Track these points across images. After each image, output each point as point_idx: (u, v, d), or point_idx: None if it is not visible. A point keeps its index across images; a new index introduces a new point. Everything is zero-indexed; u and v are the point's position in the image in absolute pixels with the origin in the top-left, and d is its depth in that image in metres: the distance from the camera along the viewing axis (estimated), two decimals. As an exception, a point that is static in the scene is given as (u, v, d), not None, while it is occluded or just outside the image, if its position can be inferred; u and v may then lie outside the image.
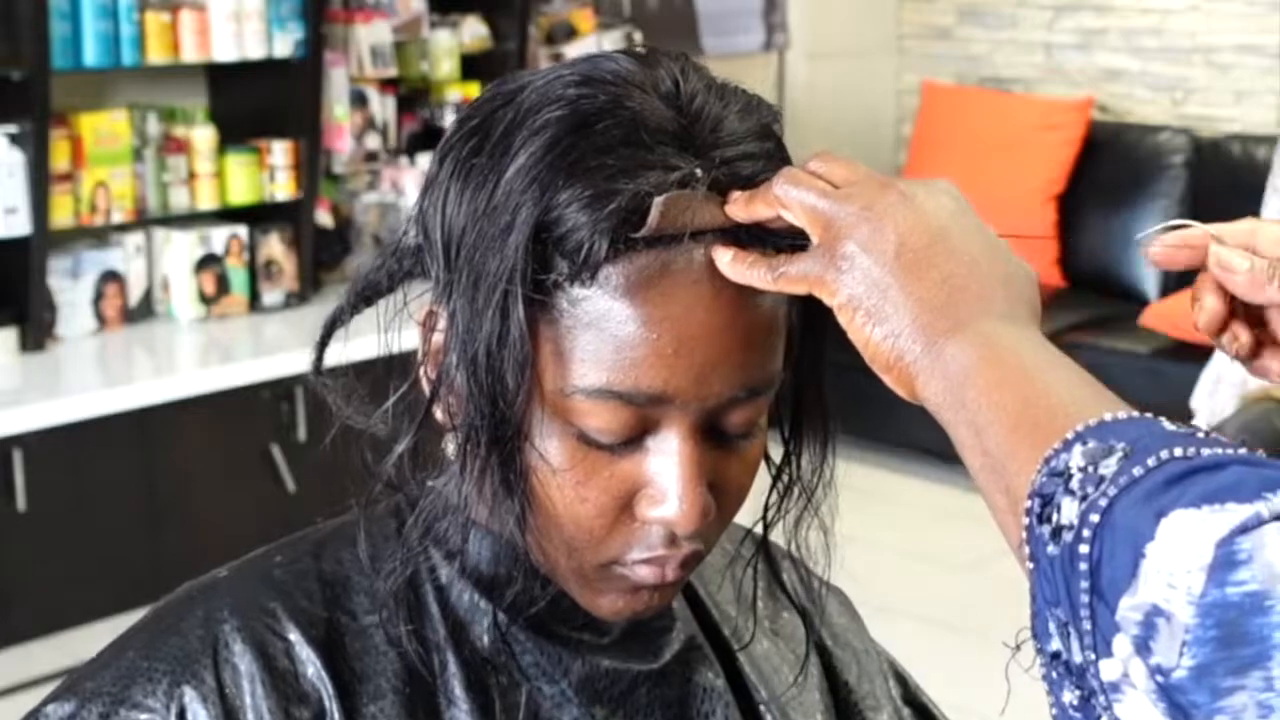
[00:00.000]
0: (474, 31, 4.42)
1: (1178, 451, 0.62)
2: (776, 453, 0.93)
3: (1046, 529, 0.64)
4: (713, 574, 1.02)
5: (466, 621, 0.90)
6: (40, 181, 3.48)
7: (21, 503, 3.24)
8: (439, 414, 0.87)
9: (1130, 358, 4.59)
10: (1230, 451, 0.62)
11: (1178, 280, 4.98)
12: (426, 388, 0.87)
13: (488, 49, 4.43)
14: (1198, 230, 0.81)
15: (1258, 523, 0.58)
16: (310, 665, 0.87)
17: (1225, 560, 0.58)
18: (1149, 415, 0.66)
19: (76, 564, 3.35)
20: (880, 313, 0.75)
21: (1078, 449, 0.65)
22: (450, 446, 0.88)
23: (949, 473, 4.62)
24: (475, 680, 0.88)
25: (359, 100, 4.17)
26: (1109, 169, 5.20)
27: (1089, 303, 5.02)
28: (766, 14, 5.53)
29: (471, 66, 4.39)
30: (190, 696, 0.85)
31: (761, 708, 0.97)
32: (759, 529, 0.96)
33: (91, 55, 3.58)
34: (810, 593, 1.03)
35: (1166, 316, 4.59)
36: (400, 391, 0.89)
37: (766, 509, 0.93)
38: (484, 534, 0.90)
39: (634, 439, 0.83)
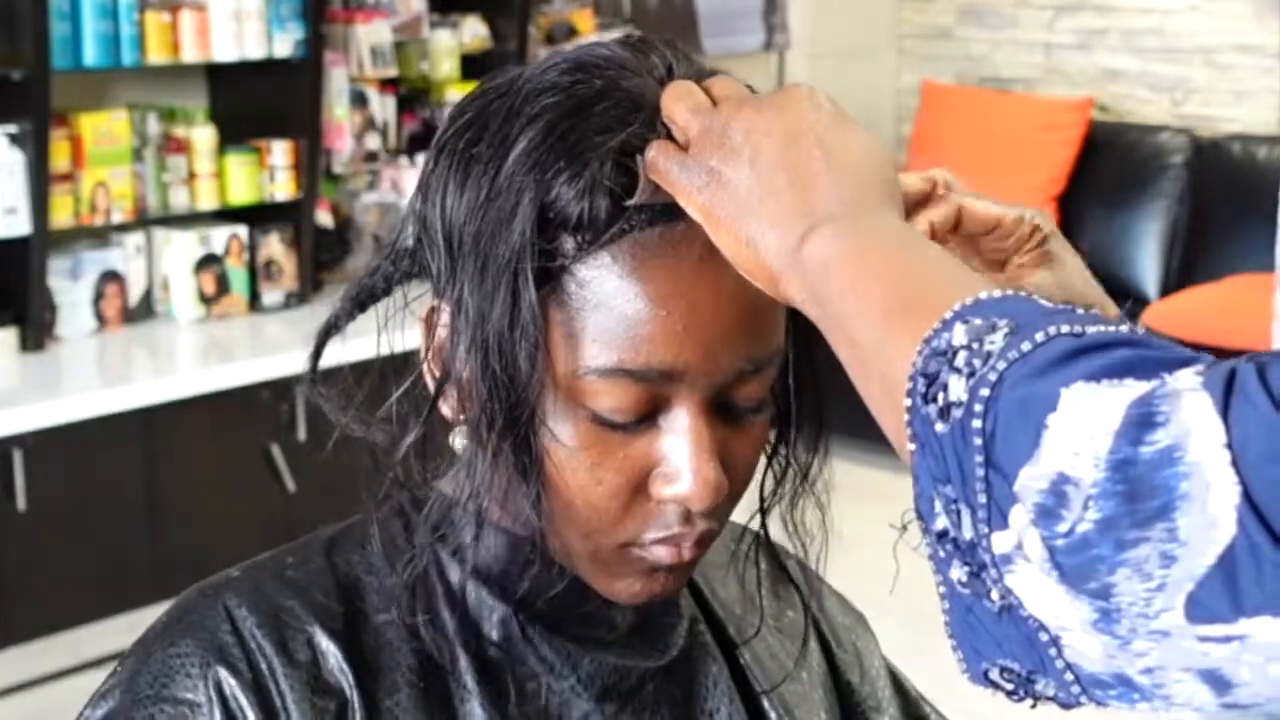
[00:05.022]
0: (474, 31, 4.42)
1: (1064, 328, 0.62)
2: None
3: (933, 408, 0.63)
4: (717, 572, 1.02)
5: (477, 619, 0.90)
6: (40, 181, 3.48)
7: (21, 503, 3.24)
8: (445, 409, 0.87)
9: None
10: (1112, 329, 0.62)
11: (1179, 280, 4.99)
12: (431, 384, 0.87)
13: (488, 49, 4.43)
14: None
15: (1166, 391, 0.58)
16: (332, 657, 0.87)
17: (1140, 420, 0.57)
18: (1021, 293, 0.66)
19: (76, 564, 3.35)
20: (738, 221, 0.76)
21: (959, 327, 0.64)
22: (458, 441, 0.88)
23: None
24: (487, 675, 0.89)
25: (359, 100, 4.17)
26: (1109, 169, 5.20)
27: (1089, 303, 5.02)
28: (766, 14, 5.53)
29: (471, 66, 4.39)
30: (229, 683, 0.84)
31: (765, 704, 0.98)
32: (757, 522, 0.96)
33: (91, 55, 3.58)
34: (809, 582, 1.04)
35: (1168, 316, 4.59)
36: (403, 388, 0.89)
37: (763, 487, 0.93)
38: (495, 530, 0.90)
39: (646, 418, 0.83)
